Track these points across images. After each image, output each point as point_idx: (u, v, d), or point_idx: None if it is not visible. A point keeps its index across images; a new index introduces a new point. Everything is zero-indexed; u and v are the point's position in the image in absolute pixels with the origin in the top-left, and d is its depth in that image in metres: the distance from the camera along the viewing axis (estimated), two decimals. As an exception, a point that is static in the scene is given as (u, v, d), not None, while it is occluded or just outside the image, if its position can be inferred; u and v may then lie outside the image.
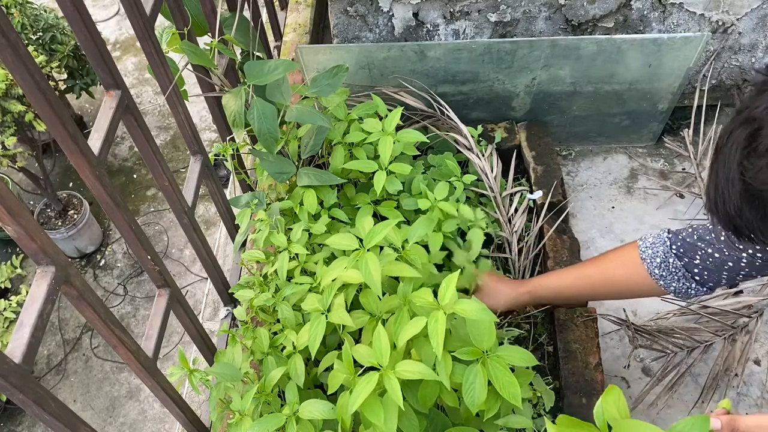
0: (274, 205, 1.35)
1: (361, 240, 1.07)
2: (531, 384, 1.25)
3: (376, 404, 0.92)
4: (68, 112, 1.84)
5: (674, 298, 1.12)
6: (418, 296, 0.98)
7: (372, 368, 0.94)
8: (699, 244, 1.04)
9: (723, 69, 1.80)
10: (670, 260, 1.07)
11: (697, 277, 1.06)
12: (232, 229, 1.58)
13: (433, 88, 1.68)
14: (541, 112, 1.77)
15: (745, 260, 0.99)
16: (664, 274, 1.08)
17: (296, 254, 1.26)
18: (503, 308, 1.31)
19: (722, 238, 1.00)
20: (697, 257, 1.04)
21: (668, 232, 1.10)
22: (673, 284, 1.08)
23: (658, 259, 1.08)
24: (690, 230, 1.07)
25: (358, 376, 0.94)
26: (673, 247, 1.07)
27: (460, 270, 1.01)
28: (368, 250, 1.05)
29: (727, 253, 1.00)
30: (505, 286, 1.30)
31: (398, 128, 1.40)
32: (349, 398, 0.92)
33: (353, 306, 1.14)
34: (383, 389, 0.92)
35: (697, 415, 0.77)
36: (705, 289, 1.08)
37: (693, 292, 1.08)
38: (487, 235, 1.49)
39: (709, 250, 1.02)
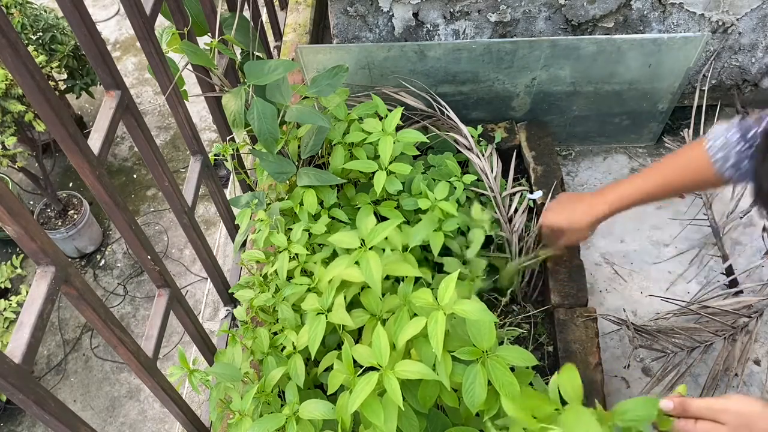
0: (274, 205, 1.35)
1: (362, 239, 1.07)
2: (531, 384, 1.25)
3: (376, 404, 0.92)
4: (68, 112, 1.84)
5: (726, 183, 1.12)
6: (417, 296, 0.98)
7: (372, 368, 0.94)
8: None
9: (723, 69, 1.80)
10: (729, 134, 1.07)
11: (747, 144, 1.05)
12: (232, 229, 1.58)
13: (433, 88, 1.68)
14: (541, 112, 1.77)
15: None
16: (721, 147, 1.07)
17: (296, 254, 1.26)
18: (581, 224, 1.26)
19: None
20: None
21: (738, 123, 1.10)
22: (731, 160, 1.07)
23: (720, 140, 1.08)
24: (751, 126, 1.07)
25: (358, 376, 0.94)
26: (736, 126, 1.07)
27: (459, 271, 1.01)
28: (369, 249, 1.05)
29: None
30: (580, 206, 1.26)
31: (398, 128, 1.40)
32: (348, 398, 0.92)
33: (353, 305, 1.14)
34: (383, 389, 0.92)
35: (645, 397, 0.80)
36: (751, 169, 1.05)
37: (742, 169, 1.07)
38: (487, 235, 1.49)
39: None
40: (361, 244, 1.07)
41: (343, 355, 0.99)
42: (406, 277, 1.13)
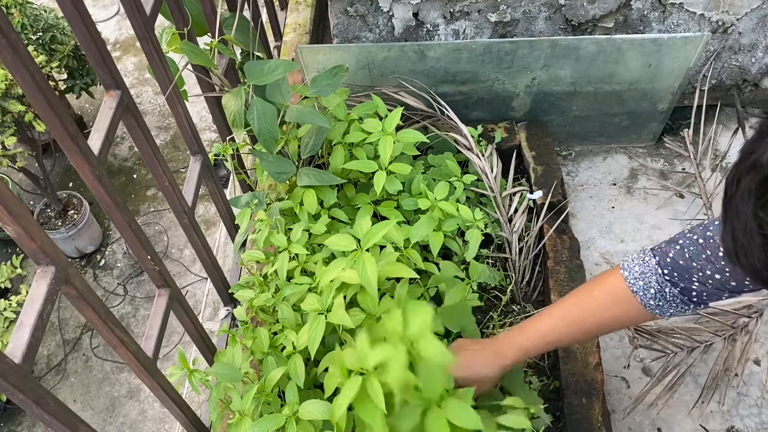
0: (274, 205, 1.35)
1: (359, 240, 1.07)
2: (528, 383, 1.25)
3: (371, 405, 0.91)
4: (68, 112, 1.84)
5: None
6: (387, 321, 0.92)
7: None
8: (694, 265, 0.92)
9: (723, 69, 1.80)
10: (666, 289, 0.96)
11: (695, 299, 0.96)
12: (232, 229, 1.58)
13: (433, 88, 1.68)
14: (541, 112, 1.77)
15: (747, 280, 0.89)
16: (660, 303, 0.98)
17: (296, 254, 1.26)
18: (493, 382, 1.09)
19: (720, 253, 0.90)
20: (695, 281, 0.93)
21: (652, 255, 0.99)
22: (670, 311, 0.99)
23: (652, 290, 0.98)
24: (678, 248, 0.95)
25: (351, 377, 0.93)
26: (665, 272, 0.96)
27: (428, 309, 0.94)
28: (366, 251, 1.05)
29: (728, 274, 0.90)
30: (483, 354, 1.08)
31: (398, 128, 1.40)
32: (338, 401, 0.91)
33: (354, 304, 1.14)
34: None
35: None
36: (703, 306, 0.98)
37: (690, 312, 1.00)
38: (487, 235, 1.49)
39: (708, 272, 0.91)
40: (358, 246, 1.07)
41: (335, 358, 0.98)
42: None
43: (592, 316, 1.05)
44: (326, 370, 1.12)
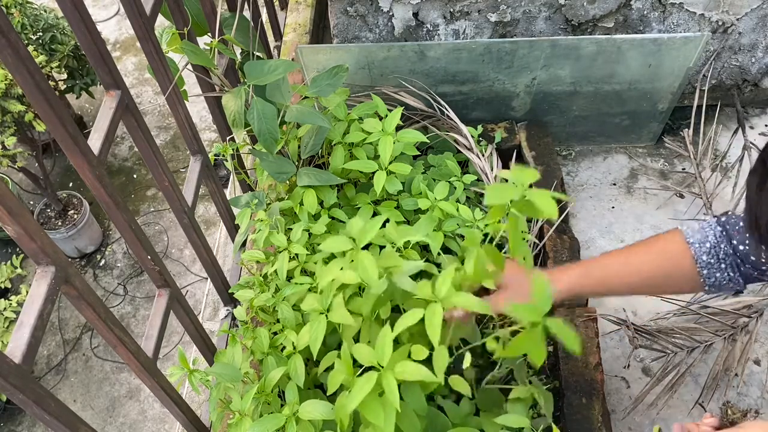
0: (274, 205, 1.35)
1: (354, 240, 1.06)
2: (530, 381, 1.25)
3: (376, 404, 0.92)
4: (68, 112, 1.84)
5: (707, 292, 1.05)
6: (418, 288, 0.97)
7: (372, 368, 0.94)
8: (732, 233, 0.99)
9: (723, 69, 1.80)
10: (722, 245, 0.99)
11: (739, 265, 0.99)
12: (232, 229, 1.58)
13: (433, 88, 1.68)
14: (541, 112, 1.77)
15: (765, 257, 0.95)
16: (711, 261, 1.00)
17: (296, 254, 1.26)
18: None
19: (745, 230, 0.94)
20: (734, 246, 0.99)
21: (712, 216, 1.01)
22: (717, 274, 1.00)
23: (708, 244, 1.00)
24: (726, 217, 1.01)
25: (357, 376, 0.94)
26: (722, 230, 1.00)
27: (456, 265, 1.00)
28: (366, 247, 1.04)
29: (748, 248, 0.96)
30: (534, 273, 1.10)
31: (398, 128, 1.40)
32: (347, 398, 0.92)
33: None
34: (382, 389, 0.92)
35: None
36: (742, 280, 1.01)
37: (732, 283, 1.01)
38: (486, 235, 1.49)
39: (735, 242, 0.98)
40: (354, 245, 1.06)
41: (342, 355, 0.98)
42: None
43: (647, 262, 1.05)
44: (326, 370, 1.12)
